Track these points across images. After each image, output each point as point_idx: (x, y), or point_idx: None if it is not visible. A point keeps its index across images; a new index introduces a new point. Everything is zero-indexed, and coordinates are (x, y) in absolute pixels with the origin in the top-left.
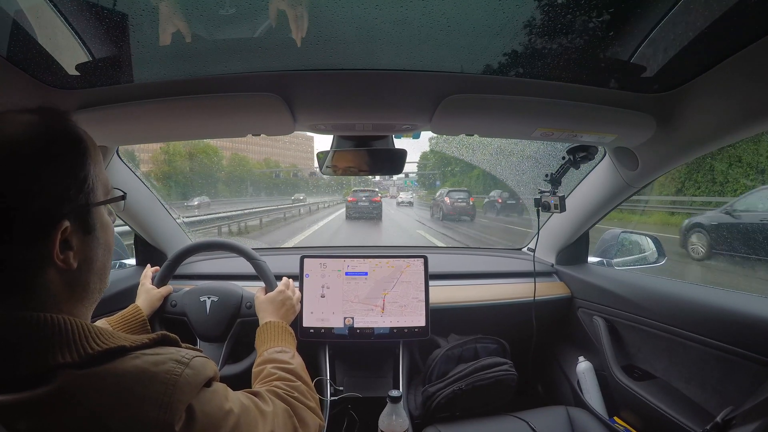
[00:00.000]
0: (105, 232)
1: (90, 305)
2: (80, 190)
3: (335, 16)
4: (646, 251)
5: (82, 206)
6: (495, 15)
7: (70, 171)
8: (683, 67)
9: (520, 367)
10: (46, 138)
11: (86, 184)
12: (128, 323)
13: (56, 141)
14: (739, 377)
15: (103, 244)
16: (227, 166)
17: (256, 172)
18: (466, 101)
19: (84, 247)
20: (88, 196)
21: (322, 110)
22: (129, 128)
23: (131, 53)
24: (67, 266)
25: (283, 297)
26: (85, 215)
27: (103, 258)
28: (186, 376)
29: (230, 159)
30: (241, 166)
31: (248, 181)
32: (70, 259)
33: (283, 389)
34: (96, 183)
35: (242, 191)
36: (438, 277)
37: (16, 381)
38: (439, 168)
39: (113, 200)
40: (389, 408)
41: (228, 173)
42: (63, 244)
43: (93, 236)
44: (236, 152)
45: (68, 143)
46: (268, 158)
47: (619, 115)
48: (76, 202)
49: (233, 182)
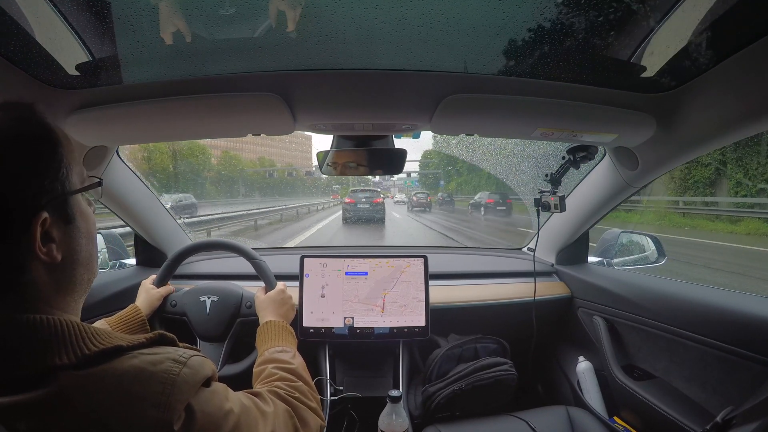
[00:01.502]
0: (86, 221)
1: (79, 298)
2: (55, 179)
3: (335, 15)
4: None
5: (59, 196)
6: (495, 15)
7: (43, 162)
8: (683, 67)
9: (520, 367)
10: (15, 131)
11: (60, 172)
12: (127, 323)
13: (25, 133)
14: (739, 377)
15: (84, 233)
16: (217, 165)
17: (249, 171)
18: (466, 101)
19: (66, 238)
20: (64, 185)
21: (322, 110)
22: (129, 128)
23: (131, 53)
24: (51, 259)
25: (284, 296)
26: (63, 205)
27: (87, 248)
28: (184, 375)
29: (221, 158)
30: (232, 165)
31: (240, 181)
32: (53, 251)
33: (284, 389)
34: (70, 172)
35: (234, 192)
36: (438, 277)
37: (14, 383)
38: (443, 167)
39: (89, 187)
40: (389, 408)
41: (217, 172)
42: (44, 237)
43: (74, 226)
44: (227, 150)
45: (37, 135)
46: (262, 157)
47: (619, 115)
48: (51, 193)
49: (223, 182)
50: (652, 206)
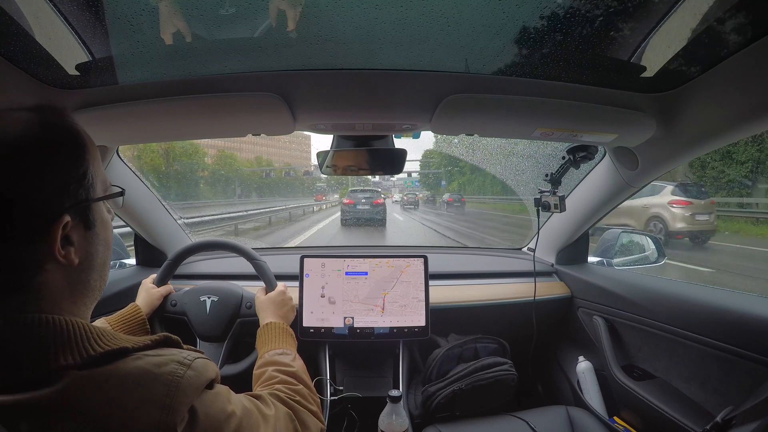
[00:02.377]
0: (104, 228)
1: (90, 303)
2: (80, 185)
3: (335, 15)
4: (646, 251)
5: (82, 201)
6: (494, 15)
7: (70, 167)
8: (683, 67)
9: (520, 367)
10: (45, 135)
11: (86, 179)
12: (127, 323)
13: (55, 138)
14: (739, 377)
15: (102, 240)
16: (211, 165)
17: (245, 171)
18: (466, 101)
19: (84, 243)
20: (88, 192)
21: (322, 110)
22: (129, 128)
23: (131, 53)
24: (68, 262)
25: (284, 297)
26: (85, 211)
27: (103, 255)
28: (188, 377)
29: (215, 157)
30: (228, 165)
31: (236, 181)
32: (71, 254)
33: (284, 392)
34: (95, 179)
35: (229, 192)
36: (438, 277)
37: (18, 382)
38: (445, 166)
39: (112, 196)
40: (389, 408)
41: (212, 172)
42: (64, 240)
43: (93, 232)
44: (223, 150)
45: (67, 140)
46: (259, 156)
47: (619, 115)
48: (76, 198)
49: (218, 182)
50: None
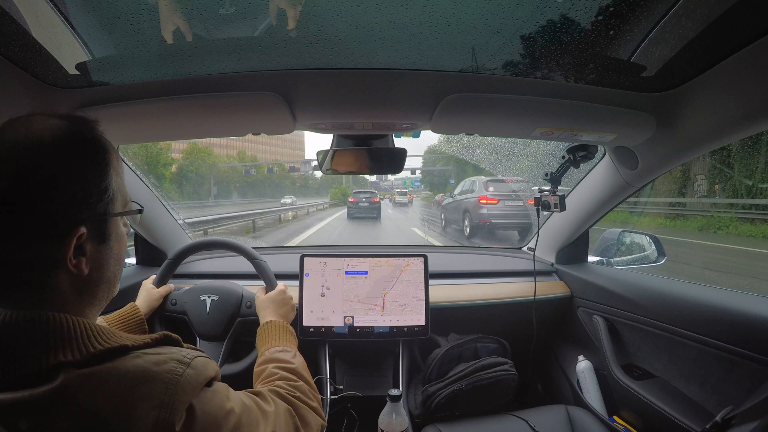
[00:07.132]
0: (119, 243)
1: (96, 311)
2: (100, 199)
3: (335, 15)
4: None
5: (101, 215)
6: (494, 14)
7: (93, 179)
8: (683, 66)
9: (520, 367)
10: (73, 143)
11: (107, 193)
12: (125, 322)
13: (83, 148)
14: (739, 377)
15: (115, 254)
16: (179, 159)
17: (222, 167)
18: (466, 100)
19: (97, 256)
20: (107, 206)
21: (322, 109)
22: (129, 127)
23: (131, 52)
24: (78, 272)
25: (284, 296)
26: (102, 224)
27: (114, 268)
28: (187, 376)
29: (186, 151)
30: (200, 160)
31: (211, 179)
32: (82, 265)
33: (285, 389)
34: (116, 194)
35: (202, 193)
36: (438, 276)
37: (17, 379)
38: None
39: (130, 213)
40: (389, 407)
41: (180, 167)
42: (77, 250)
43: (107, 246)
44: (195, 143)
45: (94, 151)
46: (242, 151)
47: (619, 114)
48: (95, 210)
49: (188, 180)
50: (706, 211)
